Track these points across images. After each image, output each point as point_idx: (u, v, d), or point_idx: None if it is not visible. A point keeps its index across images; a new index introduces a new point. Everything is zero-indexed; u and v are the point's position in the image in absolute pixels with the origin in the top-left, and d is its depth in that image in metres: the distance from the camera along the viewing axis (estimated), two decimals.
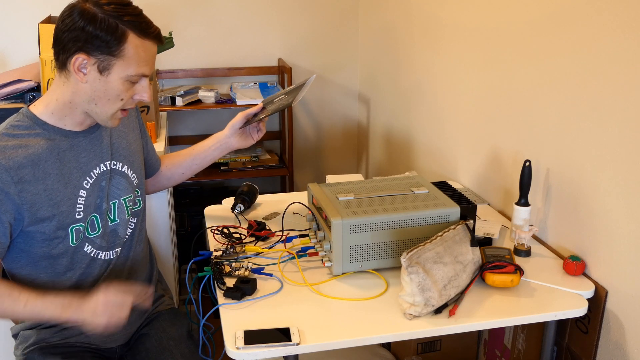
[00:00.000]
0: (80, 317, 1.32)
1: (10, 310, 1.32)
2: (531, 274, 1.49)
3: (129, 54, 1.27)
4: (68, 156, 1.37)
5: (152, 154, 1.68)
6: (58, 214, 1.35)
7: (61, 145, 1.36)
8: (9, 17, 2.98)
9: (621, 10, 1.34)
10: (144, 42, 1.28)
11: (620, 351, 1.43)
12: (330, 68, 3.45)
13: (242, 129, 1.69)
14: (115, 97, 1.31)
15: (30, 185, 1.30)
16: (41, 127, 1.35)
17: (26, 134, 1.33)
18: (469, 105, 2.09)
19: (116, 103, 1.32)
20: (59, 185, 1.35)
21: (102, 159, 1.43)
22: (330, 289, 1.42)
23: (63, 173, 1.36)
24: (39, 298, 1.32)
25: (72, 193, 1.37)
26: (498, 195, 1.93)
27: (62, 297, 1.33)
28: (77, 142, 1.39)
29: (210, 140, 1.73)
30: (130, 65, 1.28)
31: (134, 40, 1.27)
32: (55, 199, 1.34)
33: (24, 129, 1.33)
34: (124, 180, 1.48)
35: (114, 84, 1.29)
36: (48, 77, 1.97)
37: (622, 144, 1.37)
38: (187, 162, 1.74)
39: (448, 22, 2.21)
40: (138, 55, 1.28)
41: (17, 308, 1.31)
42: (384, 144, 3.10)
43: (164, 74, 3.24)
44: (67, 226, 1.37)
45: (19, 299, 1.31)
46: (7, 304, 1.31)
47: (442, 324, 1.29)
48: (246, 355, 1.20)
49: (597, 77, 1.43)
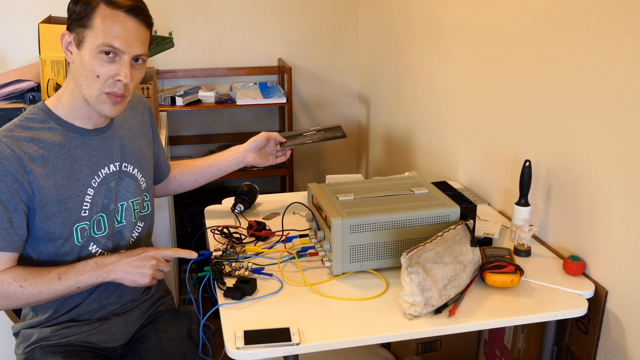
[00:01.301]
0: (118, 275, 1.35)
1: (47, 290, 1.32)
2: (531, 274, 1.49)
3: (97, 23, 1.26)
4: (79, 153, 1.38)
5: (162, 160, 1.69)
6: (64, 210, 1.35)
7: (73, 142, 1.37)
8: (9, 17, 2.98)
9: (621, 10, 1.34)
10: (114, 12, 1.27)
11: (620, 351, 1.43)
12: (330, 68, 3.45)
13: (262, 148, 1.74)
14: (90, 73, 1.29)
15: (41, 179, 1.31)
16: (55, 122, 1.36)
17: (40, 127, 1.34)
18: (469, 105, 2.09)
19: (94, 81, 1.29)
20: (67, 181, 1.35)
21: (112, 159, 1.44)
22: (330, 289, 1.42)
23: (73, 170, 1.37)
24: (70, 268, 1.34)
25: (80, 190, 1.38)
26: (498, 195, 1.93)
27: (92, 261, 1.36)
28: (88, 141, 1.39)
29: (229, 151, 1.76)
30: (99, 35, 1.27)
31: (103, 10, 1.27)
32: (63, 195, 1.35)
33: (38, 122, 1.35)
34: (133, 183, 1.49)
35: (87, 58, 1.28)
36: (48, 77, 1.97)
37: (622, 144, 1.37)
38: (203, 169, 1.76)
39: (448, 22, 2.22)
40: (105, 25, 1.26)
41: (52, 285, 1.32)
42: (384, 144, 3.10)
43: (164, 74, 3.24)
44: (73, 224, 1.37)
45: (50, 276, 1.32)
46: (41, 284, 1.31)
47: (442, 324, 1.29)
48: (246, 355, 1.20)
49: (597, 77, 1.43)
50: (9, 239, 1.31)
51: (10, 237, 1.31)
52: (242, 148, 1.74)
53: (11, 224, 1.30)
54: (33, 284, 1.31)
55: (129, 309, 1.54)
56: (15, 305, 1.35)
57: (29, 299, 1.32)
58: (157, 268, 1.38)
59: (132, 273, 1.36)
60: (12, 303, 1.33)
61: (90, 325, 1.48)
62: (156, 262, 1.38)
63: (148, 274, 1.36)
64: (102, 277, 1.36)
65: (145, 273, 1.36)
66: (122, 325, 1.52)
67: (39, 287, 1.32)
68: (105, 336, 1.49)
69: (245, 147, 1.74)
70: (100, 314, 1.49)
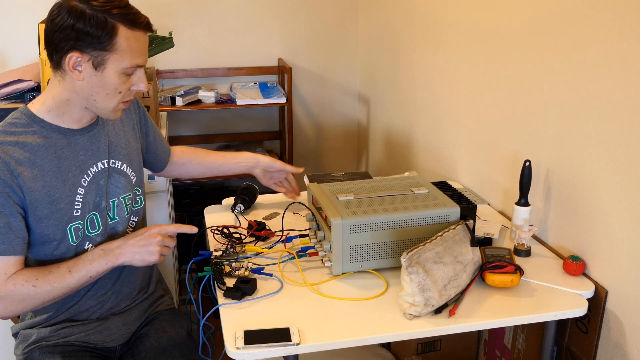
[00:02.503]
0: (126, 257, 1.36)
1: (60, 285, 1.32)
2: (531, 274, 1.49)
3: (121, 47, 1.27)
4: (66, 154, 1.37)
5: (160, 148, 1.69)
6: (56, 211, 1.35)
7: (58, 143, 1.36)
8: (9, 17, 2.98)
9: (621, 11, 1.34)
10: (135, 33, 1.28)
11: (620, 351, 1.43)
12: (330, 68, 3.45)
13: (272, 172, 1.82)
14: (113, 90, 1.31)
15: (30, 182, 1.31)
16: (38, 125, 1.35)
17: (23, 132, 1.33)
18: (469, 105, 2.09)
19: (115, 97, 1.33)
20: (57, 182, 1.35)
21: (99, 157, 1.43)
22: (330, 289, 1.42)
23: (61, 170, 1.36)
24: (78, 260, 1.35)
25: (70, 190, 1.37)
26: (498, 195, 1.93)
27: (98, 249, 1.37)
28: (74, 140, 1.39)
29: (242, 155, 1.82)
30: (125, 58, 1.28)
31: (125, 32, 1.26)
32: (53, 196, 1.34)
33: (22, 126, 1.34)
34: (123, 179, 1.49)
35: (110, 78, 1.29)
36: (48, 77, 1.97)
37: (622, 144, 1.37)
38: (215, 165, 1.81)
39: (448, 22, 2.21)
40: (130, 47, 1.28)
41: (65, 279, 1.32)
42: (384, 144, 3.10)
43: (164, 74, 3.24)
44: (66, 224, 1.37)
45: (60, 271, 1.33)
46: (53, 280, 1.32)
47: (442, 324, 1.29)
48: (246, 355, 1.20)
49: (597, 77, 1.43)
50: (9, 243, 1.30)
51: (10, 240, 1.30)
52: (256, 159, 1.79)
53: (9, 228, 1.30)
54: (45, 281, 1.31)
55: (128, 308, 1.54)
56: (31, 307, 1.34)
57: (44, 298, 1.32)
58: (163, 244, 1.38)
59: (141, 252, 1.36)
60: (28, 305, 1.32)
61: (89, 325, 1.48)
62: (161, 238, 1.38)
63: (156, 251, 1.36)
64: (111, 262, 1.36)
65: (153, 250, 1.36)
66: (121, 324, 1.52)
67: (52, 283, 1.31)
68: (104, 336, 1.49)
69: (259, 160, 1.79)
70: (99, 312, 1.49)
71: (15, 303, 1.31)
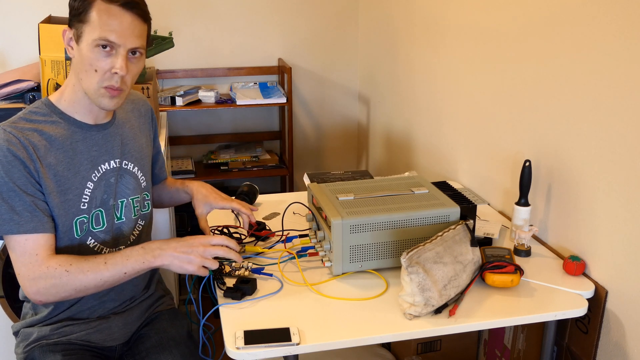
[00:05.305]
0: (165, 260, 1.33)
1: (93, 275, 1.31)
2: (531, 274, 1.49)
3: (93, 18, 1.29)
4: (80, 147, 1.40)
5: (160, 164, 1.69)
6: (65, 201, 1.36)
7: (75, 136, 1.39)
8: (9, 17, 2.98)
9: (621, 11, 1.34)
10: (109, 7, 1.30)
11: (620, 351, 1.43)
12: (330, 68, 3.45)
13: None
14: (88, 66, 1.32)
15: (45, 169, 1.33)
16: (58, 116, 1.39)
17: (43, 120, 1.37)
18: (469, 105, 2.09)
19: (93, 75, 1.32)
20: (68, 173, 1.37)
21: (112, 155, 1.45)
22: (330, 289, 1.42)
23: (74, 162, 1.38)
24: (116, 254, 1.34)
25: (80, 183, 1.39)
26: (498, 195, 1.93)
27: (138, 246, 1.36)
28: (90, 135, 1.42)
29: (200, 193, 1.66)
30: (95, 29, 1.29)
31: (99, 4, 1.29)
32: (63, 186, 1.36)
33: (42, 115, 1.38)
34: (133, 181, 1.50)
35: (85, 52, 1.31)
36: (48, 77, 1.97)
37: (622, 144, 1.37)
38: (179, 191, 1.71)
39: (448, 22, 2.22)
40: (101, 19, 1.29)
41: (99, 269, 1.31)
42: (384, 144, 3.11)
43: (164, 74, 3.24)
44: (73, 217, 1.38)
45: (96, 260, 1.32)
46: (87, 268, 1.31)
47: (442, 324, 1.29)
48: (246, 355, 1.20)
49: (597, 77, 1.43)
50: (38, 220, 1.31)
51: (39, 218, 1.31)
52: (201, 193, 1.65)
53: (36, 206, 1.31)
54: (79, 268, 1.30)
55: (128, 307, 1.54)
56: (63, 294, 1.32)
57: (75, 285, 1.31)
58: (204, 256, 1.34)
59: (180, 258, 1.33)
60: (59, 291, 1.31)
61: (90, 324, 1.48)
62: (203, 249, 1.34)
63: (197, 261, 1.33)
64: (149, 261, 1.33)
65: (193, 260, 1.33)
66: (121, 324, 1.52)
67: (85, 271, 1.30)
68: (105, 335, 1.49)
69: (204, 198, 1.63)
70: (99, 312, 1.49)
71: (48, 287, 1.30)
